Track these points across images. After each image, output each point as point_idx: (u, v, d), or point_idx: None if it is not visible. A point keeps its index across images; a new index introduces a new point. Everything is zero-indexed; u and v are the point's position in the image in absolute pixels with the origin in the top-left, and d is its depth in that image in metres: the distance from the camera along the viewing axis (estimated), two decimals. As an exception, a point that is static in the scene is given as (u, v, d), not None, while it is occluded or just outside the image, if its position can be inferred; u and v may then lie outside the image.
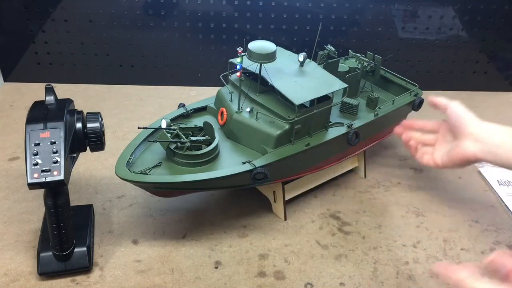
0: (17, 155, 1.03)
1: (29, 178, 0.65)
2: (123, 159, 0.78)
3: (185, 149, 0.78)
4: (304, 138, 0.83)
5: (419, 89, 1.01)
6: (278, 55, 0.82)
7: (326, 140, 0.84)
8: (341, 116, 0.93)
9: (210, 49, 1.29)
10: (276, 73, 0.84)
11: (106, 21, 1.24)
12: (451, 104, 0.78)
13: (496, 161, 0.71)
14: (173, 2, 1.22)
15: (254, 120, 0.82)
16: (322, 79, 0.85)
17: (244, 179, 0.78)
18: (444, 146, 0.78)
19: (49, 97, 0.73)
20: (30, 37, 1.25)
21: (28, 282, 0.75)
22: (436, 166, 0.78)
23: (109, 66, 1.31)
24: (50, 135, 0.68)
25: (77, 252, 0.76)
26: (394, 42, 1.30)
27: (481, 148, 0.72)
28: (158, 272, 0.77)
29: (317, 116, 0.82)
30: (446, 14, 1.27)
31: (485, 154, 0.71)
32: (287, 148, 0.81)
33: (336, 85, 0.84)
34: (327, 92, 0.82)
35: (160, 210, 0.90)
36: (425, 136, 0.81)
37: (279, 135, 0.80)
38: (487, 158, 0.71)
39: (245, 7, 1.22)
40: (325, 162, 0.89)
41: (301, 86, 0.81)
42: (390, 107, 0.95)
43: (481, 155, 0.72)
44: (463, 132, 0.74)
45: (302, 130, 0.82)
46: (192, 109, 0.91)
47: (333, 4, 1.23)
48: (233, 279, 0.77)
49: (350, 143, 0.88)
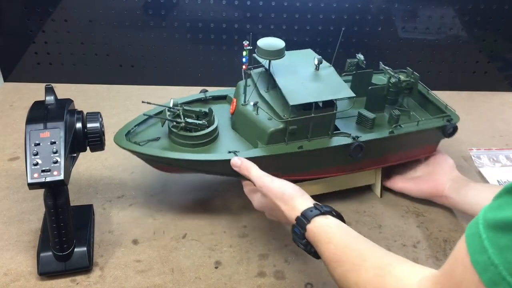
0: (17, 155, 1.03)
1: (29, 178, 0.65)
2: (126, 128, 0.84)
3: (179, 129, 0.82)
4: (300, 141, 0.82)
5: (456, 115, 0.92)
6: (304, 56, 0.84)
7: (323, 147, 0.82)
8: (356, 128, 0.88)
9: (210, 49, 1.29)
10: (287, 72, 0.84)
11: (106, 21, 1.24)
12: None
13: (456, 204, 0.87)
14: (173, 2, 1.22)
15: (254, 114, 0.82)
16: (330, 85, 0.82)
17: (225, 168, 0.79)
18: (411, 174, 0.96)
19: (49, 97, 0.73)
20: (30, 37, 1.25)
21: (28, 282, 0.75)
22: (394, 187, 0.95)
23: (109, 66, 1.31)
24: (50, 135, 0.68)
25: (77, 252, 0.76)
26: (394, 42, 1.30)
27: (452, 186, 0.87)
28: (158, 272, 0.77)
29: (317, 121, 0.81)
30: (446, 14, 1.26)
31: (451, 192, 0.87)
32: (278, 147, 0.81)
33: (342, 94, 0.80)
34: (328, 98, 0.79)
35: (160, 210, 0.90)
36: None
37: (272, 132, 0.80)
38: (451, 196, 0.87)
39: (245, 7, 1.22)
40: (324, 171, 0.87)
41: (305, 88, 0.80)
42: (412, 128, 0.88)
43: (447, 192, 0.87)
44: (446, 171, 0.91)
45: (300, 132, 0.81)
46: (211, 96, 0.94)
47: (333, 4, 1.23)
48: (233, 279, 0.77)
49: (351, 156, 0.83)
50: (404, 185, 0.94)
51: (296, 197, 0.69)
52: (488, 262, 0.38)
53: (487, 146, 1.14)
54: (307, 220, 0.65)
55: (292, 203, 0.69)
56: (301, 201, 0.69)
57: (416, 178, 0.94)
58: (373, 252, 0.59)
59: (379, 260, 0.57)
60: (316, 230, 0.64)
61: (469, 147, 1.12)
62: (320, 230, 0.64)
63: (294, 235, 0.67)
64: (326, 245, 0.62)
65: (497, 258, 0.37)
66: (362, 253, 0.59)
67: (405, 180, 0.94)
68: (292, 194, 0.70)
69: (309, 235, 0.65)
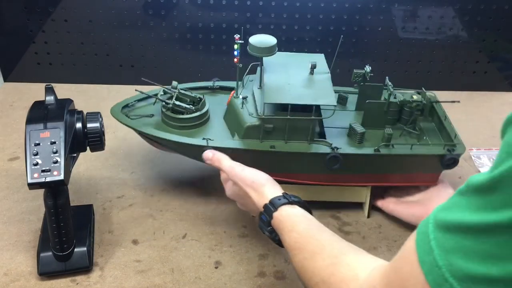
0: (17, 155, 1.03)
1: (29, 178, 0.65)
2: (124, 102, 0.90)
3: (167, 110, 0.85)
4: (276, 141, 0.82)
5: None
6: (309, 60, 0.83)
7: (297, 151, 0.81)
8: (347, 141, 0.85)
9: (210, 49, 1.29)
10: (279, 72, 0.84)
11: (106, 21, 1.24)
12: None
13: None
14: (173, 2, 1.22)
15: (239, 107, 0.84)
16: (316, 90, 0.81)
17: (197, 152, 0.81)
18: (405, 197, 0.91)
19: (49, 97, 0.73)
20: (30, 37, 1.25)
21: (28, 282, 0.75)
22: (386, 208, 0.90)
23: (109, 66, 1.31)
24: (50, 135, 0.68)
25: (77, 252, 0.76)
26: (394, 42, 1.30)
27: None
28: (158, 272, 0.77)
29: (295, 124, 0.80)
30: (446, 14, 1.26)
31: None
32: (252, 142, 0.82)
33: (322, 101, 0.79)
34: (305, 103, 0.78)
35: (160, 210, 0.90)
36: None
37: (248, 126, 0.81)
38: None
39: (245, 7, 1.22)
40: (300, 176, 0.85)
41: (288, 90, 0.80)
42: (403, 151, 0.83)
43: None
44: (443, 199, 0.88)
45: (277, 133, 0.81)
46: (218, 86, 0.95)
47: (333, 4, 1.23)
48: (233, 279, 0.77)
49: (327, 166, 0.81)
50: (396, 207, 0.89)
51: (266, 185, 0.71)
52: (433, 263, 0.37)
53: (487, 146, 1.14)
54: (274, 208, 0.66)
55: (261, 190, 0.70)
56: (271, 189, 0.70)
57: (410, 202, 0.89)
58: (332, 242, 0.60)
59: (336, 249, 0.58)
60: (282, 218, 0.65)
61: (469, 147, 1.12)
62: (285, 218, 0.65)
63: (261, 222, 0.69)
64: (289, 233, 0.63)
65: (441, 259, 0.37)
66: (321, 242, 0.60)
67: (398, 203, 0.90)
68: (262, 182, 0.71)
69: (274, 222, 0.66)
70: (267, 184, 0.71)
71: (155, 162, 1.03)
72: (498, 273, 0.33)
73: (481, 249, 0.34)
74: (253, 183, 0.72)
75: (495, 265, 0.33)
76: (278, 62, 0.87)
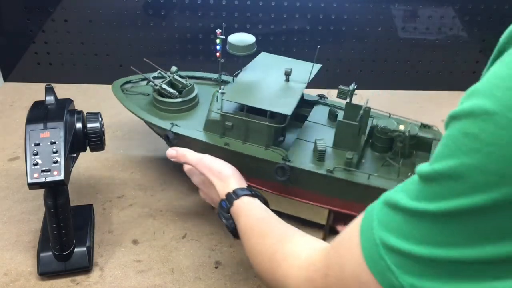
0: (17, 155, 1.03)
1: (29, 178, 0.65)
2: (127, 79, 0.98)
3: (154, 91, 0.92)
4: (236, 140, 0.82)
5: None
6: (296, 66, 0.83)
7: (248, 153, 0.80)
8: (311, 156, 0.81)
9: (209, 49, 1.29)
10: (257, 73, 0.85)
11: (106, 21, 1.24)
12: None
13: None
14: (173, 2, 1.22)
15: (214, 101, 0.86)
16: (281, 98, 0.79)
17: (163, 133, 0.87)
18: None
19: (49, 97, 0.73)
20: (30, 37, 1.25)
21: (28, 282, 0.75)
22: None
23: (109, 66, 1.31)
24: (50, 135, 0.68)
25: (77, 252, 0.76)
26: (394, 42, 1.30)
27: None
28: (158, 272, 0.77)
29: (253, 127, 0.80)
30: (446, 14, 1.26)
31: None
32: (210, 136, 0.84)
33: (277, 108, 0.77)
34: (260, 107, 0.77)
35: (160, 210, 0.90)
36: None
37: (209, 120, 0.84)
38: None
39: (245, 7, 1.22)
40: (254, 180, 0.82)
41: (252, 91, 0.81)
42: (359, 179, 0.76)
43: None
44: None
45: (238, 132, 0.82)
46: (222, 79, 0.95)
47: (333, 4, 1.23)
48: (233, 279, 0.77)
49: (275, 176, 0.79)
50: None
51: (232, 177, 0.73)
52: (371, 238, 0.38)
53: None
54: (236, 196, 0.69)
55: (227, 181, 0.72)
56: (237, 182, 0.72)
57: None
58: (282, 226, 0.63)
59: (285, 232, 0.61)
60: (241, 205, 0.68)
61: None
62: (245, 206, 0.68)
63: (220, 209, 0.71)
64: (246, 218, 0.66)
65: (378, 235, 0.38)
66: (272, 225, 0.63)
67: None
68: (229, 174, 0.74)
69: (234, 209, 0.69)
70: (233, 176, 0.73)
71: (155, 162, 1.03)
72: (425, 253, 0.34)
73: (412, 231, 0.35)
74: (220, 174, 0.73)
75: (421, 246, 0.34)
76: (266, 63, 0.87)
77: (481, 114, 0.31)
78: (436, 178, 0.34)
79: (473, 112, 0.31)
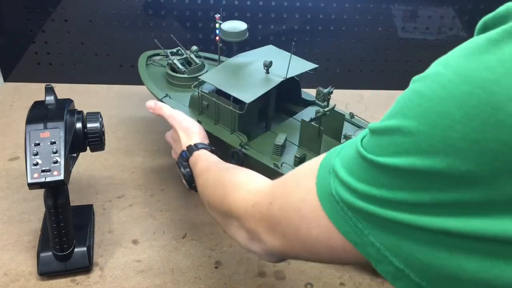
0: (17, 155, 1.03)
1: (29, 178, 0.65)
2: (157, 51, 1.09)
3: (166, 64, 1.01)
4: (210, 120, 0.88)
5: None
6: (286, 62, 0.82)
7: (214, 133, 0.85)
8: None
9: (209, 49, 1.29)
10: (244, 61, 0.88)
11: (106, 21, 1.24)
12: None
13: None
14: (173, 2, 1.22)
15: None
16: (249, 86, 0.81)
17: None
18: None
19: (49, 97, 0.73)
20: (30, 37, 1.25)
21: (28, 282, 0.75)
22: None
23: (109, 66, 1.31)
24: (50, 135, 0.68)
25: (77, 252, 0.76)
26: (394, 42, 1.30)
27: None
28: (158, 272, 0.77)
29: (220, 109, 0.85)
30: (446, 14, 1.27)
31: None
32: (191, 111, 0.91)
33: (239, 95, 0.79)
34: (225, 90, 0.81)
35: (160, 210, 0.90)
36: None
37: (192, 96, 0.91)
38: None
39: (245, 7, 1.22)
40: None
41: (229, 76, 0.84)
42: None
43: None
44: None
45: (211, 112, 0.87)
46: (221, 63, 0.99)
47: (333, 4, 1.23)
48: (233, 279, 0.77)
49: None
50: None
51: (198, 134, 0.77)
52: (327, 166, 0.40)
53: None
54: (196, 148, 0.74)
55: (192, 136, 0.77)
56: (200, 138, 0.77)
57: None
58: (238, 167, 0.65)
59: (238, 169, 0.64)
60: (200, 155, 0.72)
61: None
62: (203, 156, 0.72)
63: (180, 158, 0.75)
64: (202, 162, 0.70)
65: (334, 161, 0.39)
66: (228, 166, 0.66)
67: None
68: (195, 130, 0.78)
69: (192, 159, 0.73)
70: (199, 133, 0.78)
71: (155, 162, 1.03)
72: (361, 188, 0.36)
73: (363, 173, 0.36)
74: (188, 129, 0.78)
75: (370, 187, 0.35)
76: (263, 54, 0.88)
77: (433, 75, 0.33)
78: (384, 133, 0.35)
79: (428, 74, 0.34)
